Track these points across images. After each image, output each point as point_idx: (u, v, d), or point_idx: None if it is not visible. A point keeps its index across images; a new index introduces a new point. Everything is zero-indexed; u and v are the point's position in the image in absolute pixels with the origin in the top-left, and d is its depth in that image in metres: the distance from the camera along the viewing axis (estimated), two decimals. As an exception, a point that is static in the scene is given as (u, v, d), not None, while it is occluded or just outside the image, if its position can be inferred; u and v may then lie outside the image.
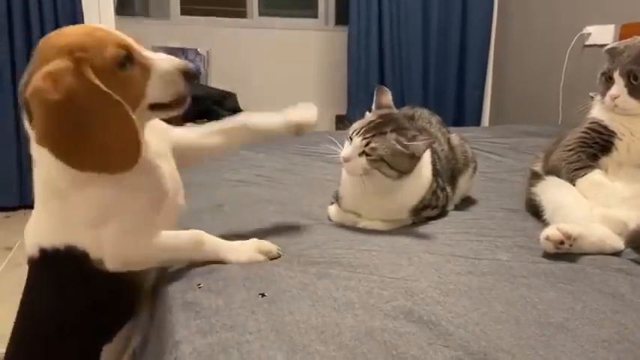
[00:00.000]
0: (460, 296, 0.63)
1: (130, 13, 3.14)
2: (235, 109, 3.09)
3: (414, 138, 0.85)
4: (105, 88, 0.62)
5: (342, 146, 0.88)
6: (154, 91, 0.68)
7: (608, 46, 0.94)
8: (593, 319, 0.58)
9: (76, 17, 2.35)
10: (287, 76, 3.22)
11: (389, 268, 0.71)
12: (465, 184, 1.08)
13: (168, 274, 0.74)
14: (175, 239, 0.73)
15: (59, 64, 0.61)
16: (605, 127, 0.93)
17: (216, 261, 0.72)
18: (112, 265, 0.68)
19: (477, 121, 3.18)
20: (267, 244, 0.76)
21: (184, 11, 3.18)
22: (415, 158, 0.87)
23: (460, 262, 0.74)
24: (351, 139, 0.87)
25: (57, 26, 2.33)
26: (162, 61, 0.69)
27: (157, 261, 0.73)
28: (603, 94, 0.94)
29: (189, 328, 0.58)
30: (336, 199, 0.97)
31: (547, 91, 2.78)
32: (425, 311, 0.59)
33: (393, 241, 0.82)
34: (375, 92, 0.98)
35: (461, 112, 3.17)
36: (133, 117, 0.64)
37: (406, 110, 1.10)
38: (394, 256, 0.75)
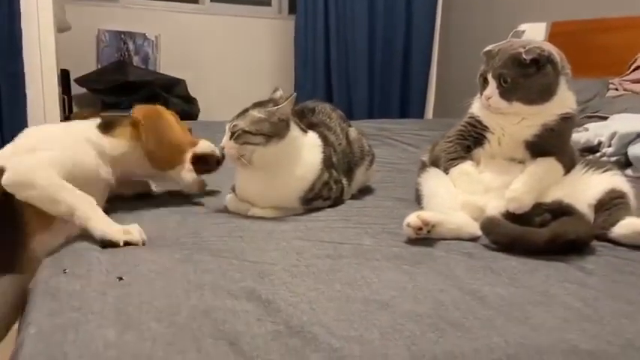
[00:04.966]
0: (307, 277, 0.69)
1: (78, -6, 3.05)
2: (184, 96, 3.06)
3: (275, 105, 0.94)
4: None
5: None
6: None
7: (485, 49, 1.01)
8: (417, 297, 0.65)
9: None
10: (238, 64, 3.21)
11: (254, 254, 0.76)
12: (361, 176, 1.15)
13: (43, 264, 0.76)
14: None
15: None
16: (480, 122, 1.00)
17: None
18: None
19: (420, 114, 3.28)
20: (134, 231, 0.81)
21: (133, -6, 3.11)
22: (282, 122, 0.94)
23: (324, 246, 0.80)
24: None
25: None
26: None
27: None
28: (481, 93, 1.01)
29: (41, 311, 0.61)
30: (233, 189, 1.02)
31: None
32: (267, 291, 0.64)
33: (271, 228, 0.87)
34: None
35: (405, 104, 3.26)
36: None
37: (308, 104, 1.15)
38: (264, 242, 0.81)
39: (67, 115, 2.80)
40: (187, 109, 2.99)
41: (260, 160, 0.94)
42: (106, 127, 0.99)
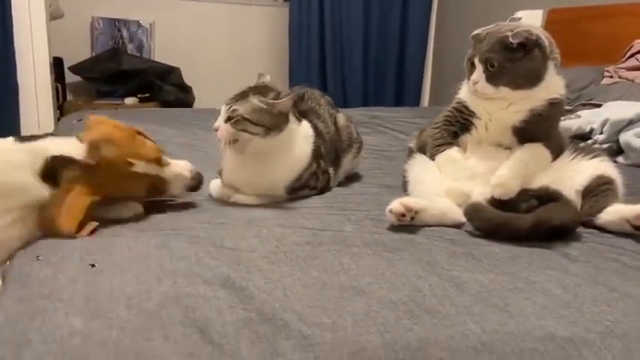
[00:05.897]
0: (284, 264, 0.68)
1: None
2: (179, 85, 3.03)
3: (276, 98, 0.91)
4: None
5: None
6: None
7: (473, 33, 0.99)
8: (394, 284, 0.64)
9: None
10: (233, 52, 3.18)
11: (233, 240, 0.75)
12: (348, 164, 1.13)
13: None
14: None
15: None
16: (467, 108, 0.99)
17: None
18: None
19: (416, 101, 3.25)
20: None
21: (126, -19, 3.06)
22: (282, 115, 0.92)
23: (304, 233, 0.79)
24: None
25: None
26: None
27: None
28: (468, 78, 0.99)
29: (11, 297, 0.60)
30: (220, 174, 1.01)
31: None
32: (241, 278, 0.63)
33: (253, 215, 0.86)
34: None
35: (401, 91, 3.23)
36: None
37: (297, 90, 1.13)
38: (245, 229, 0.79)
39: (60, 103, 2.78)
40: (182, 98, 2.96)
41: (254, 150, 0.92)
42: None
